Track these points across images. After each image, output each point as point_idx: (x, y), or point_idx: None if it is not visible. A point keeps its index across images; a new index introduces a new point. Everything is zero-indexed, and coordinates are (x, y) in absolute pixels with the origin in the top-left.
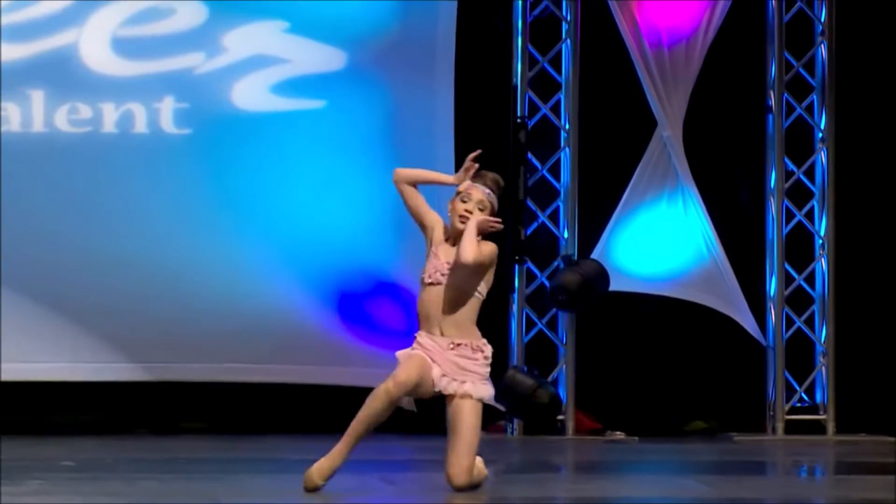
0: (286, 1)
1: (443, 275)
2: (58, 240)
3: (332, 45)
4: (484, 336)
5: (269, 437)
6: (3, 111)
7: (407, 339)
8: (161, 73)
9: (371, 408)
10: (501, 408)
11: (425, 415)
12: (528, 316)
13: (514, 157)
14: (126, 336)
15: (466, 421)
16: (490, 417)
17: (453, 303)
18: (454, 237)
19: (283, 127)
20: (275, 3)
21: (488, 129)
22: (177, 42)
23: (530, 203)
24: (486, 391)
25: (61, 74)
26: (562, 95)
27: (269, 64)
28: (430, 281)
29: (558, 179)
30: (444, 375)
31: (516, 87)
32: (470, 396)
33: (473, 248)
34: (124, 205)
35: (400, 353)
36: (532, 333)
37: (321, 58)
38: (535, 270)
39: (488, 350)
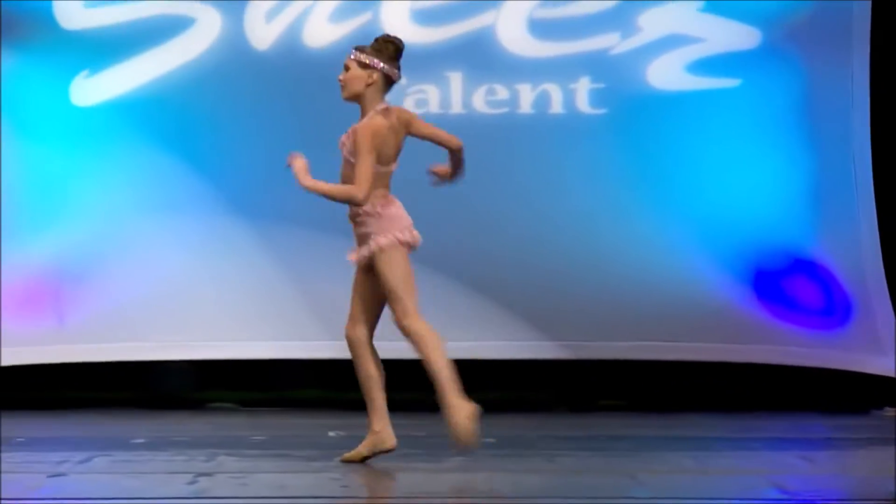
0: None
1: None
2: (477, 220)
3: (746, 24)
4: None
5: (685, 415)
6: (423, 93)
7: (825, 318)
8: (576, 53)
9: None
10: None
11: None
12: None
13: None
14: (545, 314)
15: None
16: None
17: None
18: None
19: (697, 105)
20: None
21: None
22: (591, 23)
23: None
24: None
25: (479, 56)
26: None
27: (683, 43)
28: None
29: None
30: None
31: None
32: None
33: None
34: (542, 184)
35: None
36: None
37: (736, 36)
38: None
39: None
